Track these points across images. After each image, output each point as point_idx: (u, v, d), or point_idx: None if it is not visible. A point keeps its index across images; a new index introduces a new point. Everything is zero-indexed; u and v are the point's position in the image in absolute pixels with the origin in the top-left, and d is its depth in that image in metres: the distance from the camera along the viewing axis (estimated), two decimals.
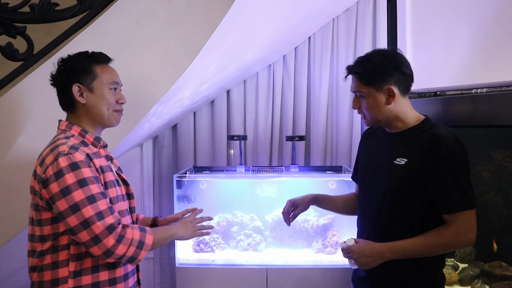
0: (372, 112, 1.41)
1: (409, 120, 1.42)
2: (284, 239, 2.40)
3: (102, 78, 1.36)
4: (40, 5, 1.66)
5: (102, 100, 1.35)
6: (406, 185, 1.37)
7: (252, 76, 2.74)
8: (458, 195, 1.30)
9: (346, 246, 1.43)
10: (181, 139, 2.78)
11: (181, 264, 2.24)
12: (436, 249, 1.34)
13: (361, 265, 1.40)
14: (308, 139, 2.77)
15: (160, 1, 1.72)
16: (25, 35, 1.69)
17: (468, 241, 1.33)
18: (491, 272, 1.96)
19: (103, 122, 1.38)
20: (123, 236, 1.21)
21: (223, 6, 1.66)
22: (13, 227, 1.68)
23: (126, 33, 1.71)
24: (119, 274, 1.32)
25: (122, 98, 1.40)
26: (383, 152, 1.47)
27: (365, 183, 1.54)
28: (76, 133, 1.34)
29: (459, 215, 1.31)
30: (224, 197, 2.47)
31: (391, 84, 1.37)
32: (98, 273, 1.27)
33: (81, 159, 1.22)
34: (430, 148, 1.33)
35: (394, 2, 2.59)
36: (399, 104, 1.40)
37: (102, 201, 1.21)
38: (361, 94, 1.42)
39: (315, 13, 2.49)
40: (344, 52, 2.67)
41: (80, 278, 1.25)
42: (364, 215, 1.53)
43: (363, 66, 1.40)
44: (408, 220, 1.38)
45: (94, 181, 1.22)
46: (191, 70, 1.79)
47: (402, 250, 1.35)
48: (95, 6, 1.71)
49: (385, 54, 1.40)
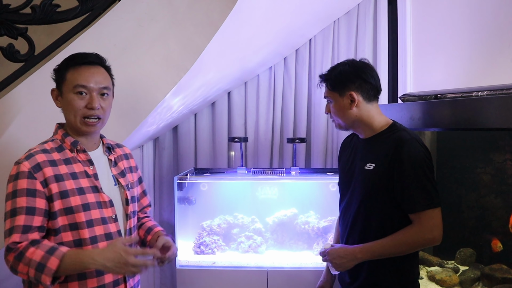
0: (338, 116, 1.52)
1: (376, 125, 1.49)
2: (284, 241, 2.39)
3: (68, 82, 1.27)
4: (41, 7, 1.66)
5: (67, 105, 1.28)
6: (376, 190, 1.44)
7: (253, 78, 2.75)
8: (420, 195, 1.36)
9: (323, 250, 1.53)
10: (182, 141, 2.78)
11: (181, 266, 2.23)
12: (405, 248, 1.40)
13: (336, 267, 1.49)
14: (308, 141, 2.77)
15: (161, 3, 1.72)
16: (27, 36, 1.69)
17: (433, 239, 1.37)
18: (492, 275, 1.95)
19: (75, 129, 1.30)
20: (23, 254, 1.14)
21: (224, 8, 1.67)
22: None
23: (127, 35, 1.72)
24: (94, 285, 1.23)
25: (92, 103, 1.26)
26: (356, 159, 1.55)
27: (343, 188, 1.62)
28: (59, 137, 1.32)
29: (423, 214, 1.36)
30: (225, 199, 2.47)
31: (352, 90, 1.47)
32: (67, 283, 1.22)
33: (25, 169, 1.20)
34: (393, 152, 1.39)
35: (394, 5, 2.60)
36: (363, 109, 1.48)
37: (21, 216, 1.16)
38: (328, 99, 1.54)
39: (316, 15, 2.49)
40: (345, 54, 2.67)
41: None
42: (344, 219, 1.59)
43: (330, 74, 1.53)
44: (380, 223, 1.44)
45: (24, 193, 1.18)
46: (192, 72, 1.79)
47: (372, 250, 1.42)
48: (96, 7, 1.71)
49: (351, 63, 1.51)
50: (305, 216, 2.40)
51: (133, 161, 1.50)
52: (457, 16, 2.11)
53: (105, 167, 1.36)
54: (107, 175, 1.35)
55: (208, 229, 2.39)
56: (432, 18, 2.32)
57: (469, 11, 2.02)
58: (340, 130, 1.59)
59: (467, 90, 1.74)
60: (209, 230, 2.39)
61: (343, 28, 2.67)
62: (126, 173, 1.42)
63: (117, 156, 1.42)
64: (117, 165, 1.40)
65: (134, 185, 1.44)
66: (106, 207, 1.30)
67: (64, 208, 1.23)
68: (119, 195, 1.36)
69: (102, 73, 1.32)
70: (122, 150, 1.47)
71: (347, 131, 1.60)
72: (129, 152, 1.50)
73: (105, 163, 1.37)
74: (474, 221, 2.10)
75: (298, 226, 2.38)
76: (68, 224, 1.24)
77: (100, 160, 1.36)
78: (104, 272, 1.24)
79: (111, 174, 1.37)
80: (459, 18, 2.09)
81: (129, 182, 1.41)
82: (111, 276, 1.26)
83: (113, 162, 1.39)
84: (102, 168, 1.35)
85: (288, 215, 2.41)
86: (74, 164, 1.28)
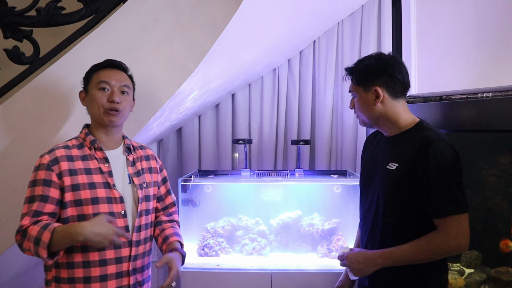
0: (362, 111, 1.46)
1: (402, 123, 1.42)
2: (289, 243, 2.39)
3: (92, 80, 1.43)
4: (46, 9, 1.67)
5: (92, 99, 1.42)
6: (398, 191, 1.36)
7: (257, 79, 2.75)
8: (447, 200, 1.29)
9: (341, 254, 1.47)
10: (186, 143, 2.78)
11: (185, 268, 2.22)
12: (427, 255, 1.32)
13: (355, 272, 1.41)
14: (313, 143, 2.77)
15: (166, 5, 1.72)
16: (31, 38, 1.70)
17: (458, 247, 1.30)
18: (498, 277, 1.93)
19: (99, 122, 1.44)
20: (26, 232, 1.29)
21: (228, 10, 1.67)
22: None
23: (131, 37, 1.72)
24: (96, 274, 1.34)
25: (112, 97, 1.40)
26: (378, 157, 1.48)
27: (364, 188, 1.56)
28: (82, 135, 1.45)
29: (449, 219, 1.29)
30: (229, 201, 2.47)
31: (378, 85, 1.40)
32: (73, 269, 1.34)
33: (45, 162, 1.35)
34: (418, 152, 1.32)
35: (399, 6, 2.59)
36: (388, 105, 1.41)
37: (36, 203, 1.31)
38: (353, 93, 1.48)
39: (320, 17, 2.49)
40: (349, 56, 2.67)
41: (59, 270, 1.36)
42: (364, 221, 1.53)
43: (355, 67, 1.45)
44: (401, 226, 1.37)
45: (41, 183, 1.33)
46: (196, 74, 1.79)
47: (392, 257, 1.35)
48: (101, 10, 1.72)
49: (378, 56, 1.44)
50: (309, 218, 2.39)
51: (155, 162, 1.58)
52: (461, 17, 2.10)
53: (121, 166, 1.46)
54: (122, 173, 1.45)
55: (212, 231, 2.39)
56: (437, 19, 2.32)
57: (474, 12, 2.01)
58: (364, 126, 1.52)
59: (472, 91, 1.73)
60: (213, 232, 2.38)
61: (347, 29, 2.66)
62: (143, 173, 1.51)
63: (137, 157, 1.52)
64: (135, 165, 1.49)
65: (150, 185, 1.52)
66: (116, 203, 1.39)
67: (74, 200, 1.34)
68: (131, 193, 1.45)
69: (123, 74, 1.48)
70: (144, 152, 1.57)
71: (371, 128, 1.54)
72: (152, 154, 1.60)
73: (123, 162, 1.47)
74: (480, 223, 2.08)
75: (302, 228, 2.37)
76: (76, 215, 1.35)
77: (118, 159, 1.47)
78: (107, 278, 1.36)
79: (127, 172, 1.46)
80: (463, 19, 2.09)
81: (144, 181, 1.49)
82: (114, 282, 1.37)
83: (131, 162, 1.49)
84: (118, 166, 1.45)
85: (292, 217, 2.40)
86: (90, 161, 1.40)
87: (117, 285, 1.38)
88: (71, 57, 1.69)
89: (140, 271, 1.46)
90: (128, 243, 1.41)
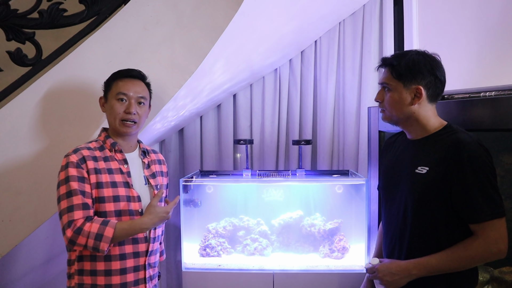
0: (394, 108, 1.37)
1: (431, 126, 1.36)
2: (290, 243, 2.39)
3: (112, 90, 1.51)
4: (48, 11, 1.68)
5: (110, 109, 1.51)
6: (428, 195, 1.30)
7: (258, 80, 2.75)
8: (485, 204, 1.22)
9: (371, 266, 1.39)
10: (188, 143, 2.79)
11: (187, 268, 2.23)
12: (465, 263, 1.26)
13: (387, 285, 1.34)
14: (314, 143, 2.76)
15: (167, 6, 1.73)
16: (34, 40, 1.71)
17: (499, 252, 1.24)
18: (502, 278, 1.92)
19: (115, 130, 1.53)
20: (81, 229, 1.35)
21: (229, 11, 1.67)
22: (21, 231, 1.70)
23: (133, 38, 1.73)
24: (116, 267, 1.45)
25: (129, 109, 1.49)
26: (404, 161, 1.41)
27: (388, 193, 1.49)
28: (101, 138, 1.53)
29: (487, 224, 1.23)
30: (230, 202, 2.47)
31: (421, 85, 1.32)
32: (95, 262, 1.43)
33: (74, 160, 1.41)
34: (452, 155, 1.26)
35: (400, 6, 2.59)
36: (424, 108, 1.35)
37: (77, 197, 1.38)
38: (388, 87, 1.37)
39: (322, 17, 2.49)
40: (350, 56, 2.67)
41: (82, 263, 1.44)
42: (389, 228, 1.46)
43: (399, 60, 1.35)
44: (433, 232, 1.31)
45: (76, 179, 1.39)
46: (197, 74, 1.79)
47: (429, 266, 1.28)
48: (102, 11, 1.73)
49: (423, 54, 1.35)
50: (311, 218, 2.39)
51: (165, 167, 1.71)
52: (463, 16, 2.09)
53: (138, 168, 1.56)
54: (139, 175, 1.55)
55: (213, 232, 2.39)
56: (439, 18, 2.31)
57: (476, 11, 2.01)
58: (386, 122, 1.43)
59: (474, 90, 1.72)
60: (214, 232, 2.39)
61: (348, 29, 2.66)
62: (157, 176, 1.62)
63: (151, 160, 1.63)
64: (150, 168, 1.60)
65: (163, 187, 1.64)
66: (134, 201, 1.49)
67: (98, 197, 1.43)
68: (148, 193, 1.55)
69: (141, 85, 1.55)
70: (157, 156, 1.68)
71: (393, 125, 1.45)
72: (163, 159, 1.72)
73: (139, 164, 1.58)
74: None
75: (304, 228, 2.37)
76: (99, 211, 1.44)
77: (135, 161, 1.57)
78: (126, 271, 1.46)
79: (143, 174, 1.56)
80: (465, 18, 2.08)
81: (158, 183, 1.60)
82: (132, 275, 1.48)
83: (146, 164, 1.59)
84: (135, 168, 1.55)
85: (294, 218, 2.40)
86: (111, 162, 1.49)
87: (135, 278, 1.48)
88: (73, 59, 1.70)
89: (153, 266, 1.57)
90: (145, 239, 1.52)
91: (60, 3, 1.70)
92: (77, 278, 1.44)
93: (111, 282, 1.44)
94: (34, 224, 1.71)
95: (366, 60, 2.63)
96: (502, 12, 1.87)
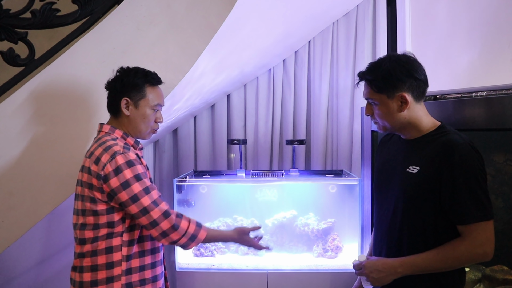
0: (385, 120, 1.36)
1: (424, 126, 1.36)
2: (284, 243, 2.39)
3: (148, 98, 1.49)
4: (41, 11, 1.67)
5: (143, 117, 1.50)
6: (418, 195, 1.31)
7: (252, 80, 2.75)
8: (473, 206, 1.23)
9: (358, 262, 1.40)
10: (182, 144, 2.79)
11: (181, 268, 2.23)
12: (451, 264, 1.27)
13: (373, 281, 1.35)
14: (308, 143, 2.77)
15: (160, 6, 1.73)
16: (27, 40, 1.70)
17: (484, 254, 1.24)
18: (493, 276, 1.94)
19: (137, 135, 1.53)
20: (178, 226, 1.39)
21: (222, 11, 1.67)
22: (14, 232, 1.69)
23: (126, 38, 1.73)
24: (158, 258, 1.50)
25: (160, 118, 1.55)
26: (397, 160, 1.42)
27: (380, 191, 1.49)
28: (119, 136, 1.49)
29: (474, 226, 1.23)
30: (224, 202, 2.47)
31: (404, 91, 1.31)
32: (144, 257, 1.45)
33: (134, 157, 1.40)
34: (443, 155, 1.26)
35: (393, 6, 2.60)
36: (413, 110, 1.34)
37: (155, 191, 1.41)
38: (373, 101, 1.37)
39: (315, 17, 2.49)
40: (344, 56, 2.68)
41: (131, 261, 1.42)
42: (379, 226, 1.47)
43: (374, 73, 1.34)
44: (422, 232, 1.32)
45: (146, 176, 1.41)
46: (191, 74, 1.80)
47: (415, 265, 1.29)
48: (96, 11, 1.72)
49: (396, 59, 1.33)
50: (304, 218, 2.40)
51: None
52: (456, 17, 2.11)
53: None
54: None
55: None
56: (431, 19, 2.33)
57: (469, 12, 2.02)
58: (382, 131, 1.43)
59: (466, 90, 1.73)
60: None
61: (342, 29, 2.67)
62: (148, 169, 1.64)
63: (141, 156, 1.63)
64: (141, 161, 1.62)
65: None
66: None
67: None
68: None
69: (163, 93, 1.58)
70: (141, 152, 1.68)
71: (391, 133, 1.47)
72: None
73: None
74: None
75: (297, 228, 2.38)
76: None
77: None
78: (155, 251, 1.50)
79: None
80: (458, 19, 2.10)
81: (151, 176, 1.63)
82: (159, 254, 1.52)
83: None
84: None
85: (287, 217, 2.41)
86: (141, 158, 1.50)
87: (161, 270, 1.54)
88: (66, 59, 1.70)
89: None
90: None
91: (53, 3, 1.69)
92: (125, 278, 1.41)
93: (157, 273, 1.49)
94: (27, 225, 1.70)
95: (360, 60, 2.65)
96: (494, 13, 1.88)
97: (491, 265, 2.01)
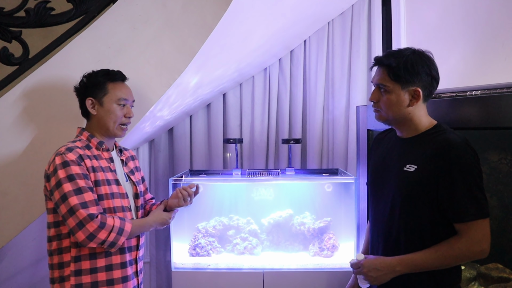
0: (390, 109, 1.35)
1: (422, 125, 1.37)
2: (280, 242, 2.40)
3: (112, 94, 1.51)
4: (35, 10, 1.66)
5: (109, 113, 1.51)
6: (416, 193, 1.31)
7: (248, 79, 2.75)
8: (470, 204, 1.24)
9: (356, 261, 1.40)
10: (177, 143, 2.78)
11: (177, 268, 2.23)
12: (449, 261, 1.29)
13: (371, 280, 1.35)
14: (304, 142, 2.78)
15: (156, 6, 1.72)
16: (21, 39, 1.69)
17: (481, 252, 1.26)
18: (488, 274, 1.95)
19: (108, 133, 1.54)
20: (104, 223, 1.37)
21: (218, 10, 1.67)
22: (8, 232, 1.68)
23: (121, 37, 1.72)
24: (116, 262, 1.47)
25: (129, 113, 1.55)
26: (393, 158, 1.42)
27: (375, 190, 1.50)
28: (84, 138, 1.53)
29: (471, 224, 1.24)
30: (220, 201, 2.47)
31: (419, 86, 1.31)
32: (96, 259, 1.44)
33: (72, 158, 1.40)
34: (440, 154, 1.27)
35: (389, 6, 2.61)
36: (418, 108, 1.34)
37: (88, 193, 1.39)
38: (385, 88, 1.34)
39: (311, 16, 2.50)
40: (339, 55, 2.69)
41: (80, 263, 1.43)
42: (375, 224, 1.47)
43: (396, 60, 1.31)
44: (419, 230, 1.32)
45: (82, 177, 1.40)
46: (186, 74, 1.79)
47: (413, 263, 1.30)
48: (90, 10, 1.71)
49: (420, 54, 1.33)
50: (300, 217, 2.40)
51: (138, 162, 1.74)
52: (451, 16, 2.12)
53: (119, 166, 1.59)
54: (120, 172, 1.59)
55: (203, 231, 2.39)
56: (426, 18, 2.33)
57: (463, 11, 2.03)
58: (380, 122, 1.42)
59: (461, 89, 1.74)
60: (204, 232, 2.39)
61: (337, 29, 2.68)
62: (135, 172, 1.66)
63: (126, 157, 1.66)
64: (127, 165, 1.64)
65: (140, 182, 1.67)
66: (123, 198, 1.53)
67: (97, 194, 1.45)
68: (130, 190, 1.60)
69: (130, 89, 1.60)
70: (129, 153, 1.70)
71: (388, 125, 1.45)
72: (134, 154, 1.74)
73: (119, 162, 1.61)
74: None
75: (293, 227, 2.38)
76: None
77: (116, 159, 1.60)
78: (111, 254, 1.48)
79: (123, 172, 1.60)
80: (453, 18, 2.10)
81: (137, 179, 1.65)
82: (129, 269, 1.52)
83: (124, 162, 1.63)
84: (117, 166, 1.58)
85: (283, 216, 2.41)
86: (101, 160, 1.51)
87: (131, 271, 1.53)
88: (61, 58, 1.69)
89: (141, 260, 1.61)
90: None
91: (47, 1, 1.68)
92: (74, 279, 1.43)
93: (113, 276, 1.46)
94: (21, 225, 1.69)
95: (355, 60, 2.65)
96: (488, 12, 1.89)
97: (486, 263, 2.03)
